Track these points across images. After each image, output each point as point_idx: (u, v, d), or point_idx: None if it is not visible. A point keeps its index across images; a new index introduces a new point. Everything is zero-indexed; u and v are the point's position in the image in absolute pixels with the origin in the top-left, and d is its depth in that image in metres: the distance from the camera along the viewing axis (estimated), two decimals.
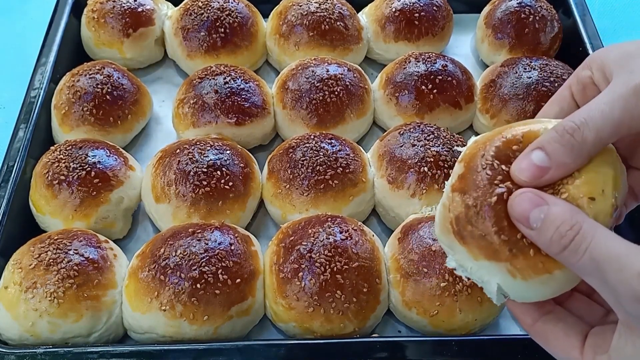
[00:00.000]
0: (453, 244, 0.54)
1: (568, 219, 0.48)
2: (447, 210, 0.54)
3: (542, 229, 0.48)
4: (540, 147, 0.51)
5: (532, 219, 0.49)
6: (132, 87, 1.07)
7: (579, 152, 0.50)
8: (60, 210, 0.90)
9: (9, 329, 0.79)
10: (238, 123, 1.01)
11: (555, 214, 0.48)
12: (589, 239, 0.47)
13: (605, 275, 0.46)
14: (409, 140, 0.95)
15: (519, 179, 0.51)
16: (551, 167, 0.50)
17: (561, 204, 0.49)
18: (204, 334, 0.79)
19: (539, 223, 0.48)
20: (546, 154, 0.50)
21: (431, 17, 1.17)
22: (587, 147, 0.50)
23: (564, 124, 0.51)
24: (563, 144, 0.50)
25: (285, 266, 0.81)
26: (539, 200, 0.49)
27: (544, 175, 0.50)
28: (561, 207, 0.48)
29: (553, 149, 0.50)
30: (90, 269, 0.81)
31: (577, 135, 0.50)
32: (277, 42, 1.17)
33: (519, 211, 0.50)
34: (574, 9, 1.18)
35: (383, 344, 0.76)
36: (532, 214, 0.49)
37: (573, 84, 0.59)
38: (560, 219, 0.48)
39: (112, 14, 1.15)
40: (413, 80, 1.04)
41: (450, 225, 0.53)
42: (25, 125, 1.00)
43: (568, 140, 0.50)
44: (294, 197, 0.92)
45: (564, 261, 0.48)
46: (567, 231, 0.47)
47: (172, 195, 0.91)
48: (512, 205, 0.50)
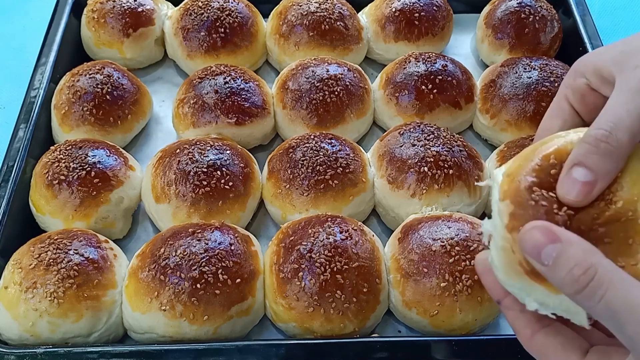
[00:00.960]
0: (527, 285, 0.51)
1: (582, 262, 0.45)
2: (510, 253, 0.50)
3: (554, 268, 0.46)
4: (578, 163, 0.49)
5: (544, 256, 0.47)
6: (132, 87, 1.07)
7: (618, 156, 0.49)
8: (60, 210, 0.90)
9: (9, 329, 0.79)
10: (238, 123, 1.01)
11: (570, 254, 0.46)
12: (605, 286, 0.44)
13: (623, 325, 0.44)
14: (409, 140, 0.95)
15: (569, 201, 0.50)
16: (597, 179, 0.49)
17: (576, 243, 0.46)
18: (204, 334, 0.79)
19: (550, 261, 0.46)
20: (587, 169, 0.49)
21: (431, 17, 1.17)
22: (624, 149, 0.49)
23: (594, 133, 0.49)
24: (601, 153, 0.49)
25: (285, 266, 0.81)
26: (552, 236, 0.47)
27: (592, 190, 0.49)
28: (575, 249, 0.46)
29: (593, 161, 0.49)
30: (90, 269, 0.81)
31: (612, 140, 0.49)
32: (277, 42, 1.17)
33: (530, 246, 0.47)
34: (574, 9, 1.18)
35: (383, 344, 0.76)
36: (544, 252, 0.47)
37: (569, 94, 0.58)
38: (574, 261, 0.46)
39: (112, 14, 1.15)
40: (413, 80, 1.04)
41: (520, 267, 0.50)
42: (25, 125, 1.00)
43: (605, 148, 0.49)
44: (294, 197, 0.92)
45: (578, 304, 0.47)
46: (580, 276, 0.45)
47: (172, 195, 0.91)
48: (522, 239, 0.48)
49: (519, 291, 0.52)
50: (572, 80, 0.58)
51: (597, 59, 0.55)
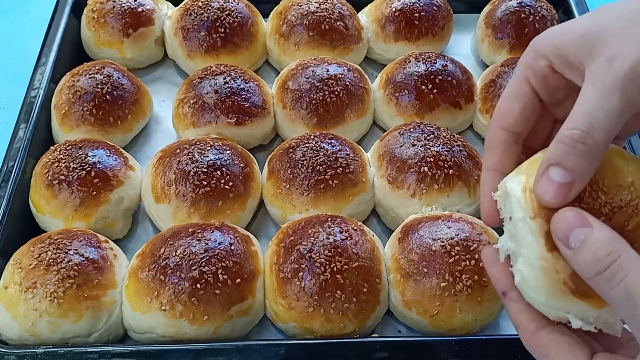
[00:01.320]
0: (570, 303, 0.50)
1: (608, 245, 0.46)
2: (554, 273, 0.50)
3: (579, 250, 0.47)
4: (555, 164, 0.49)
5: (572, 238, 0.47)
6: (132, 87, 1.07)
7: (594, 157, 0.49)
8: (60, 210, 0.90)
9: (9, 329, 0.79)
10: (238, 123, 1.01)
11: (596, 237, 0.46)
12: (626, 270, 0.45)
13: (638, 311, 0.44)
14: (409, 140, 0.95)
15: (545, 201, 0.50)
16: (574, 180, 0.49)
17: (606, 229, 0.47)
18: (204, 334, 0.79)
19: (577, 243, 0.47)
20: (564, 169, 0.49)
21: (431, 17, 1.17)
22: (601, 149, 0.49)
23: (569, 133, 0.49)
24: (578, 154, 0.48)
25: (285, 266, 0.81)
26: (583, 220, 0.47)
27: (570, 190, 0.49)
28: (604, 232, 0.47)
29: (570, 162, 0.48)
30: (90, 269, 0.81)
31: (589, 140, 0.48)
32: (277, 42, 1.17)
33: (561, 228, 0.48)
34: (574, 9, 1.18)
35: (383, 344, 0.76)
36: (573, 234, 0.47)
37: (529, 76, 0.56)
38: (600, 243, 0.46)
39: (112, 14, 1.15)
40: (413, 80, 1.04)
41: (565, 286, 0.50)
42: (25, 125, 1.00)
43: (581, 149, 0.48)
44: (294, 197, 0.92)
45: (595, 287, 0.47)
46: (604, 256, 0.45)
47: (172, 195, 0.91)
48: (555, 222, 0.48)
49: (557, 310, 0.51)
50: (533, 61, 0.56)
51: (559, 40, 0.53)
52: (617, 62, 0.49)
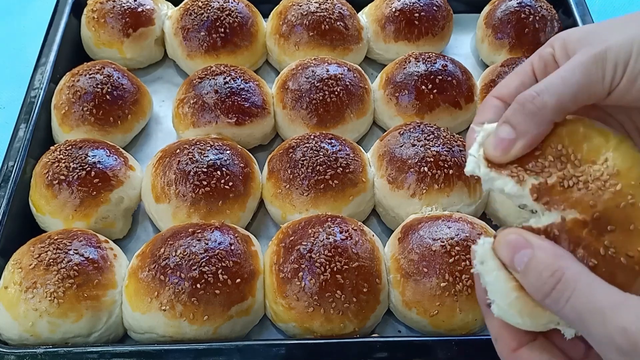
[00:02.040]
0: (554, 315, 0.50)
1: (550, 265, 0.46)
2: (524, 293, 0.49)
3: (525, 273, 0.48)
4: (505, 121, 0.52)
5: (517, 261, 0.48)
6: (132, 87, 1.07)
7: (540, 118, 0.51)
8: (60, 210, 0.90)
9: (9, 329, 0.79)
10: (238, 123, 1.01)
11: (538, 258, 0.47)
12: (570, 289, 0.45)
13: (588, 327, 0.44)
14: (409, 140, 0.95)
15: (490, 157, 0.52)
16: (517, 137, 0.51)
17: (546, 248, 0.48)
18: (204, 334, 0.79)
19: (522, 267, 0.48)
20: (510, 126, 0.51)
21: (431, 17, 1.17)
22: (547, 112, 0.50)
23: (522, 94, 0.51)
24: (525, 113, 0.51)
25: (285, 266, 0.81)
26: (523, 243, 0.48)
27: (511, 147, 0.51)
28: (545, 252, 0.47)
29: (517, 120, 0.51)
30: (90, 269, 0.81)
31: (537, 101, 0.50)
32: (277, 42, 1.17)
33: (504, 252, 0.49)
34: (574, 9, 1.18)
35: (383, 344, 0.76)
36: (517, 257, 0.48)
37: (535, 60, 0.59)
38: (543, 264, 0.47)
39: (112, 14, 1.15)
40: (413, 80, 1.04)
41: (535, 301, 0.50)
42: (25, 125, 1.00)
43: (529, 108, 0.51)
44: (294, 197, 0.92)
45: (548, 308, 0.48)
46: (548, 277, 0.46)
47: (172, 195, 0.91)
48: (497, 247, 0.50)
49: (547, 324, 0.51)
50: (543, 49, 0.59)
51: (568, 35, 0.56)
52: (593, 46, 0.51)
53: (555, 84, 0.51)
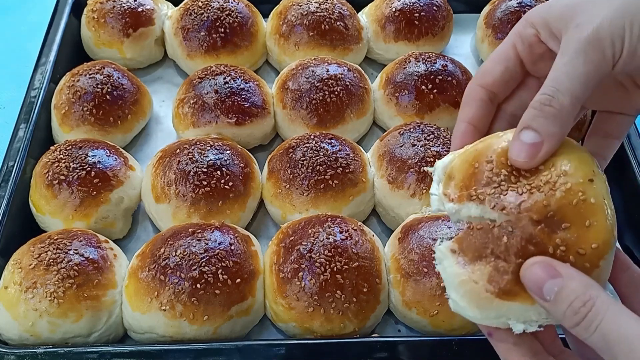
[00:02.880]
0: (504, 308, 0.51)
1: (582, 295, 0.47)
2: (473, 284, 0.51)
3: (555, 303, 0.48)
4: (526, 127, 0.51)
5: (546, 291, 0.48)
6: (132, 87, 1.07)
7: (561, 118, 0.51)
8: (60, 210, 0.90)
9: (9, 329, 0.79)
10: (238, 123, 1.01)
11: (570, 289, 0.47)
12: (600, 316, 0.46)
13: (615, 354, 0.45)
14: (409, 140, 0.95)
15: (518, 163, 0.52)
16: (543, 140, 0.51)
17: (576, 277, 0.48)
18: (204, 334, 0.79)
19: (552, 296, 0.48)
20: (534, 131, 0.51)
21: (431, 17, 1.17)
22: (567, 110, 0.51)
23: (538, 98, 0.51)
24: (545, 116, 0.51)
25: (285, 266, 0.81)
26: (553, 272, 0.48)
27: (539, 150, 0.51)
28: (576, 282, 0.47)
29: (539, 124, 0.51)
30: (90, 269, 0.81)
31: (555, 103, 0.51)
32: (277, 42, 1.17)
33: (532, 282, 0.49)
34: None
35: (383, 344, 0.76)
36: (546, 287, 0.48)
37: (517, 43, 0.58)
38: (575, 294, 0.47)
39: (112, 14, 1.15)
40: (413, 80, 1.04)
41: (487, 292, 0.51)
42: (25, 125, 1.00)
43: (549, 111, 0.51)
44: (294, 197, 0.92)
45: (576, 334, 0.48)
46: (580, 307, 0.46)
47: (172, 195, 0.91)
48: (526, 273, 0.49)
49: (498, 318, 0.52)
50: (522, 29, 0.58)
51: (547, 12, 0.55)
52: (582, 28, 0.51)
53: (563, 82, 0.51)
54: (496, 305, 0.51)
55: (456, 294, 0.52)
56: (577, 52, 0.51)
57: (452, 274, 0.52)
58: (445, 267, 0.53)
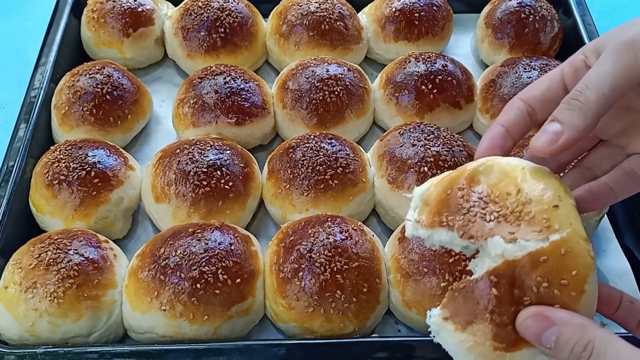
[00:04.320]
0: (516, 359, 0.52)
1: (580, 339, 0.49)
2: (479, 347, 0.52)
3: (557, 350, 0.50)
4: (553, 120, 0.55)
5: (544, 340, 0.50)
6: (132, 87, 1.07)
7: (585, 112, 0.54)
8: (60, 210, 0.90)
9: (9, 329, 0.79)
10: (238, 123, 1.01)
11: (566, 335, 0.49)
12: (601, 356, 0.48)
13: None
14: (409, 140, 0.95)
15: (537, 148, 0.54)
16: (564, 130, 0.54)
17: (569, 321, 0.50)
18: (204, 334, 0.79)
19: (552, 344, 0.50)
20: (557, 121, 0.54)
21: (431, 17, 1.17)
22: (592, 105, 0.53)
23: (569, 94, 0.55)
24: (570, 108, 0.54)
25: (285, 266, 0.81)
26: (546, 322, 0.50)
27: (559, 139, 0.54)
28: (570, 327, 0.49)
29: (563, 115, 0.54)
30: (90, 269, 0.81)
31: (581, 97, 0.54)
32: (277, 42, 1.17)
33: (530, 334, 0.51)
34: (574, 9, 1.18)
35: (383, 344, 0.76)
36: (544, 337, 0.50)
37: (565, 67, 0.60)
38: (573, 339, 0.49)
39: (112, 14, 1.15)
40: (413, 80, 1.04)
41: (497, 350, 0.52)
42: (25, 125, 1.00)
43: (574, 104, 0.54)
44: (294, 197, 0.92)
45: None
46: (581, 353, 0.49)
47: (172, 195, 0.91)
48: (522, 328, 0.51)
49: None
50: (574, 56, 0.61)
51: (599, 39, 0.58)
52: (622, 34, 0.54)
53: (592, 79, 0.54)
54: (508, 358, 0.52)
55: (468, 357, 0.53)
56: (610, 53, 0.54)
57: (455, 343, 0.53)
58: (445, 339, 0.54)
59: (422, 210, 0.57)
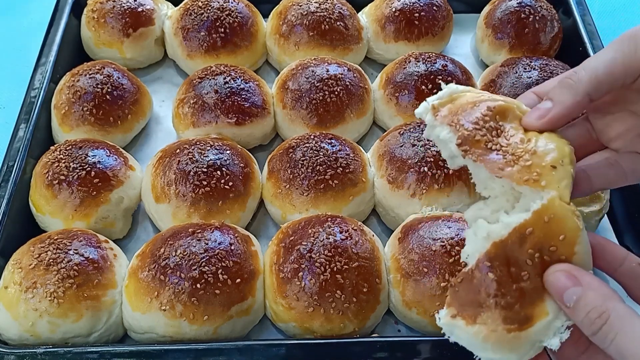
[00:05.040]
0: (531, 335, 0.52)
1: (598, 306, 0.49)
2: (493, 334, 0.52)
3: (574, 310, 0.50)
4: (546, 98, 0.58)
5: (566, 298, 0.50)
6: (132, 87, 1.07)
7: (576, 90, 0.56)
8: (60, 210, 0.90)
9: (9, 329, 0.79)
10: (238, 123, 1.01)
11: (588, 298, 0.50)
12: (615, 330, 0.48)
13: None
14: (409, 140, 0.95)
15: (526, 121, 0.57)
16: (553, 107, 0.57)
17: (596, 287, 0.50)
18: (204, 334, 0.79)
19: (572, 303, 0.50)
20: (549, 99, 0.58)
21: (431, 17, 1.17)
22: (583, 85, 0.56)
23: (563, 74, 0.58)
24: (562, 86, 0.57)
25: (285, 266, 0.81)
26: (574, 280, 0.50)
27: (547, 114, 0.57)
28: (594, 293, 0.50)
29: (554, 92, 0.58)
30: (90, 269, 0.81)
31: (574, 77, 0.57)
32: (277, 42, 1.17)
33: (555, 287, 0.51)
34: (574, 9, 1.18)
35: (383, 344, 0.76)
36: (566, 294, 0.50)
37: None
38: (592, 304, 0.49)
39: (112, 14, 1.15)
40: (413, 80, 1.04)
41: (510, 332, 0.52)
42: (25, 125, 1.00)
43: (566, 82, 0.57)
44: (294, 197, 0.92)
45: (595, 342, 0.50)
46: (595, 319, 0.49)
47: (172, 195, 0.91)
48: (548, 279, 0.51)
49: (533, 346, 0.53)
50: None
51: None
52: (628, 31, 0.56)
53: (590, 62, 0.57)
54: (524, 336, 0.52)
55: (486, 352, 0.53)
56: (613, 43, 0.56)
57: (469, 337, 0.53)
58: (459, 336, 0.54)
59: (444, 103, 0.59)
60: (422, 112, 0.59)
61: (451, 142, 0.56)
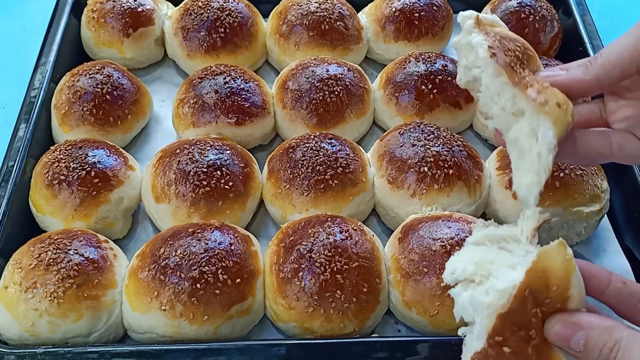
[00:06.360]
0: None
1: (608, 340, 0.50)
2: None
3: (586, 353, 0.51)
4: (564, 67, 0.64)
5: (574, 344, 0.52)
6: (132, 87, 1.07)
7: (587, 71, 0.61)
8: (60, 210, 0.90)
9: (9, 329, 0.79)
10: (238, 123, 1.01)
11: (595, 338, 0.51)
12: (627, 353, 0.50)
13: None
14: (409, 140, 0.95)
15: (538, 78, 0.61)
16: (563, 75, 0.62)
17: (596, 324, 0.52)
18: (204, 333, 0.79)
19: (581, 347, 0.51)
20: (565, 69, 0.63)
21: (431, 17, 1.17)
22: (594, 69, 0.61)
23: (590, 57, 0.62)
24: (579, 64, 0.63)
25: (285, 266, 0.81)
26: (574, 326, 0.52)
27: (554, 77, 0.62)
28: (599, 330, 0.51)
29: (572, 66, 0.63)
30: (90, 269, 0.81)
31: (593, 61, 0.62)
32: (277, 42, 1.17)
33: (559, 341, 0.53)
34: (574, 9, 1.18)
35: (383, 344, 0.76)
36: (572, 342, 0.52)
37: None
38: (601, 342, 0.51)
39: (112, 14, 1.15)
40: (413, 80, 1.04)
41: None
42: (25, 125, 1.00)
43: (582, 62, 0.63)
44: (294, 197, 0.92)
45: None
46: (609, 354, 0.50)
47: (172, 195, 0.91)
48: (550, 335, 0.53)
49: None
50: None
51: None
52: None
53: (606, 47, 0.61)
54: None
55: None
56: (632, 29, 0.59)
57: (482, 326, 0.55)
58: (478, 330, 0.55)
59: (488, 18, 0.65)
60: (468, 16, 0.65)
61: (482, 46, 0.61)
